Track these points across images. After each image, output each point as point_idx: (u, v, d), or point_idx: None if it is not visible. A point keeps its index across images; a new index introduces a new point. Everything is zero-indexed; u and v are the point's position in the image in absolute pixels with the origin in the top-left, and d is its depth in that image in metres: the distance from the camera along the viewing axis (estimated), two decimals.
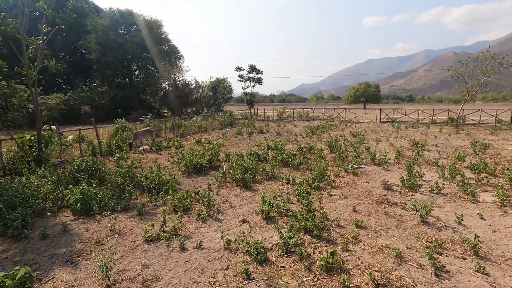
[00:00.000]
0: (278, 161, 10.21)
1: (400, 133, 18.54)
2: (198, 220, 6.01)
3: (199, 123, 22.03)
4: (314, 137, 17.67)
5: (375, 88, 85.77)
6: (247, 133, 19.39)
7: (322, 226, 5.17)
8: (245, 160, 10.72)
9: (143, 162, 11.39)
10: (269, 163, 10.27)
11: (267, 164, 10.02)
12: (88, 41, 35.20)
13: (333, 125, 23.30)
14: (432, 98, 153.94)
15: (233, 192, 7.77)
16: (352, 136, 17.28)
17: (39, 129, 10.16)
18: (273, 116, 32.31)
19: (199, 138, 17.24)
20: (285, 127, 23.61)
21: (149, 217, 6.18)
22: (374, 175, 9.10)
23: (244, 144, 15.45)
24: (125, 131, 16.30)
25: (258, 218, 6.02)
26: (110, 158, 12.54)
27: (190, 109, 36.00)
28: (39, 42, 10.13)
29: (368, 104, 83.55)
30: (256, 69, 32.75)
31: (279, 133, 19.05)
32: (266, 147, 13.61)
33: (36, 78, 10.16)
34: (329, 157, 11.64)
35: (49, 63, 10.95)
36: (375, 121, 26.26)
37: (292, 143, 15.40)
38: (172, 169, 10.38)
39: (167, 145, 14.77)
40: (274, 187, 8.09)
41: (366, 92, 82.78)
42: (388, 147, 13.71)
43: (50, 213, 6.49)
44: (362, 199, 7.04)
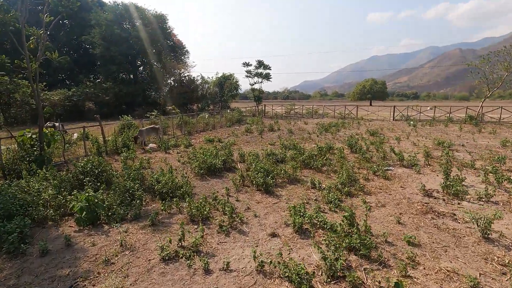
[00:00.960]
0: (299, 162, 9.39)
1: (419, 132, 17.62)
2: (220, 232, 5.23)
3: (207, 120, 21.24)
4: (329, 135, 16.82)
5: (382, 85, 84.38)
6: (257, 131, 18.58)
7: (371, 244, 4.36)
8: (261, 160, 9.95)
9: (151, 162, 10.65)
10: (288, 165, 9.48)
11: (287, 166, 9.23)
12: (92, 36, 34.45)
13: (345, 122, 22.40)
14: (437, 95, 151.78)
15: (254, 198, 6.99)
16: (369, 134, 16.41)
17: (41, 126, 9.42)
18: (281, 113, 31.43)
19: (208, 136, 16.46)
20: (295, 124, 22.76)
21: (164, 229, 5.42)
22: (406, 178, 8.27)
23: (256, 143, 14.64)
24: (131, 129, 15.56)
25: (288, 231, 5.24)
26: (117, 157, 11.81)
27: (196, 105, 35.21)
28: (41, 33, 9.36)
29: (374, 101, 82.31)
30: (264, 64, 31.79)
31: (291, 131, 18.21)
32: (282, 147, 12.80)
33: (37, 71, 9.41)
34: (351, 157, 10.81)
35: (51, 55, 10.19)
36: (389, 118, 25.31)
37: (307, 142, 14.58)
38: (184, 170, 9.62)
39: (176, 144, 14.02)
40: (299, 192, 7.29)
41: (372, 89, 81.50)
42: (411, 147, 12.84)
43: (51, 222, 5.75)
44: (402, 207, 6.22)
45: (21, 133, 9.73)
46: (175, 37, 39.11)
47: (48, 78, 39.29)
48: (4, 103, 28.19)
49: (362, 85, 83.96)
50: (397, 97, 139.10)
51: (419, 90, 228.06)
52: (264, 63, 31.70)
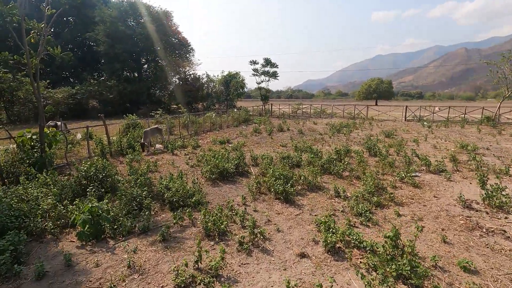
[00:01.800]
0: (317, 167, 8.72)
1: (436, 133, 16.85)
2: (241, 251, 4.59)
3: (213, 119, 20.59)
4: (342, 136, 16.11)
5: (388, 84, 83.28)
6: (266, 131, 17.92)
7: (425, 272, 3.69)
8: (275, 164, 9.29)
9: (159, 165, 10.03)
10: (305, 169, 8.82)
11: (305, 171, 8.58)
12: (96, 33, 33.91)
13: (356, 123, 21.66)
14: (442, 95, 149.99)
15: (273, 208, 6.33)
16: (384, 136, 15.68)
17: (42, 126, 8.83)
18: (288, 113, 30.69)
19: (216, 137, 15.83)
20: (304, 124, 22.06)
21: (177, 245, 4.78)
22: (438, 186, 7.56)
23: (266, 144, 13.98)
24: (136, 129, 14.96)
25: (319, 250, 4.58)
26: (122, 159, 11.22)
27: (201, 104, 34.57)
28: (41, 26, 8.74)
29: (379, 100, 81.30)
30: (271, 62, 31.05)
31: (301, 132, 17.52)
32: (295, 149, 12.14)
33: (38, 67, 8.80)
34: (371, 162, 10.11)
35: (53, 51, 9.57)
36: (400, 119, 24.50)
37: (320, 144, 13.90)
38: (194, 174, 8.99)
39: (183, 144, 13.40)
40: (322, 202, 6.63)
41: (378, 88, 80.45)
42: (433, 150, 12.11)
43: (51, 236, 5.14)
44: (443, 222, 5.53)
45: (21, 133, 9.15)
46: (180, 34, 38.47)
47: (52, 75, 38.89)
48: (7, 100, 27.76)
49: (368, 84, 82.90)
50: (401, 96, 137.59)
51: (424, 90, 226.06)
52: (271, 61, 31.01)
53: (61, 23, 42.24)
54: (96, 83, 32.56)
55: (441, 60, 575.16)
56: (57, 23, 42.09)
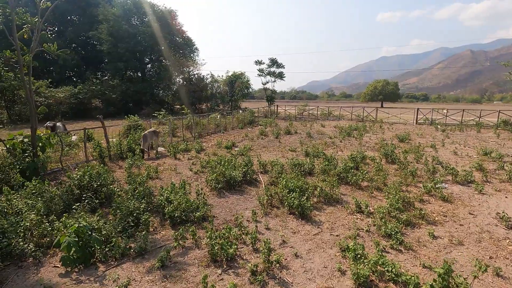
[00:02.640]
0: (333, 176, 7.96)
1: (452, 138, 15.98)
2: (254, 283, 3.85)
3: (218, 121, 19.87)
4: (353, 140, 15.31)
5: (394, 86, 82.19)
6: (273, 134, 17.17)
7: None
8: (285, 170, 8.55)
9: (160, 170, 9.33)
10: (319, 178, 8.08)
11: (318, 180, 7.83)
12: (99, 32, 33.38)
13: (366, 126, 20.83)
14: (448, 97, 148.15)
15: (287, 225, 5.59)
16: (398, 140, 14.86)
17: (34, 128, 8.17)
18: (294, 114, 29.89)
19: (220, 139, 15.11)
20: (312, 127, 21.27)
21: (178, 274, 4.05)
22: (470, 201, 6.76)
23: (274, 148, 13.23)
24: (138, 130, 14.28)
25: (347, 284, 3.82)
26: (121, 163, 10.55)
27: (205, 105, 33.92)
28: (35, 20, 8.09)
29: (385, 102, 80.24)
30: (278, 63, 30.32)
31: (310, 135, 16.74)
32: (305, 154, 11.39)
33: (30, 65, 8.15)
34: (390, 169, 9.32)
35: (49, 47, 8.92)
36: (412, 122, 23.60)
37: (330, 148, 13.13)
38: (197, 181, 8.28)
39: (186, 148, 12.70)
40: (342, 218, 5.87)
41: (384, 90, 79.38)
42: (454, 157, 11.28)
43: (32, 259, 4.43)
44: (488, 247, 4.75)
45: (11, 136, 8.49)
46: (185, 33, 37.87)
47: (55, 75, 38.48)
48: (9, 100, 27.30)
49: (374, 85, 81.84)
50: (406, 98, 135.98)
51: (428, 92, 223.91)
52: (278, 62, 30.28)
53: (65, 22, 41.84)
54: (98, 83, 32.02)
55: (446, 62, 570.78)
56: (61, 22, 41.73)
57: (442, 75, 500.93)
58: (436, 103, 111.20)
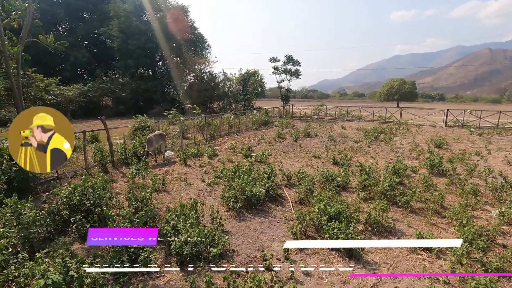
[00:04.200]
0: (376, 193, 6.52)
1: (495, 144, 14.21)
2: None
3: (231, 121, 18.57)
4: (382, 145, 13.75)
5: (411, 85, 79.35)
6: (291, 136, 15.76)
7: None
8: (315, 183, 7.16)
9: (167, 180, 8.08)
10: (356, 194, 6.67)
11: (359, 198, 6.43)
12: (110, 28, 32.60)
13: (392, 128, 19.15)
14: (465, 97, 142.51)
15: (332, 265, 4.21)
16: (434, 146, 13.23)
17: None
18: (310, 115, 28.33)
19: (235, 143, 13.82)
20: (332, 129, 19.73)
21: None
22: None
23: (295, 154, 11.84)
24: (146, 132, 13.11)
25: None
26: (125, 169, 9.37)
27: (217, 104, 32.71)
28: (25, 6, 6.93)
29: (401, 102, 77.57)
30: (294, 60, 28.76)
31: (333, 138, 15.24)
32: (333, 162, 9.95)
33: (19, 57, 7.01)
34: (439, 184, 7.79)
35: (45, 40, 7.79)
36: (441, 124, 21.73)
37: (359, 154, 11.64)
38: (211, 195, 6.99)
39: (197, 152, 11.44)
40: (403, 258, 4.45)
41: (400, 89, 76.73)
42: (508, 168, 9.63)
43: None
44: None
45: (6, 136, 7.41)
46: (197, 30, 36.73)
47: (66, 72, 38.01)
48: None
49: (390, 85, 79.23)
50: (421, 98, 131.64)
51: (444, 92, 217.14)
52: (293, 59, 28.70)
53: (77, 19, 41.40)
54: (108, 80, 31.22)
55: (463, 61, 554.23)
56: (73, 19, 41.32)
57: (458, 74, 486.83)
58: (453, 103, 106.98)
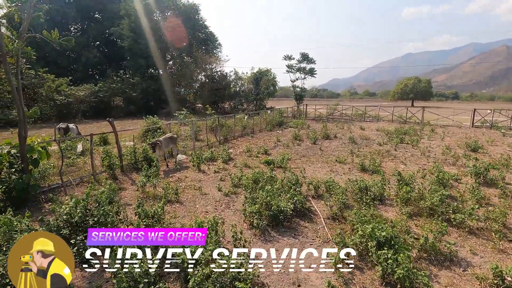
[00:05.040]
0: (425, 210, 5.59)
1: None
2: None
3: (245, 122, 17.75)
4: (409, 148, 12.69)
5: (426, 84, 77.04)
6: (308, 138, 14.85)
7: None
8: (343, 194, 6.25)
9: (180, 189, 7.32)
10: (401, 211, 5.74)
11: (402, 215, 5.50)
12: (121, 28, 32.27)
13: (416, 129, 17.98)
14: (480, 95, 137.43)
15: None
16: (469, 149, 12.10)
17: (23, 137, 6.37)
18: (325, 115, 27.26)
19: (249, 145, 13.01)
20: (350, 130, 18.69)
21: None
22: None
23: (316, 158, 10.92)
24: (156, 134, 12.44)
25: None
26: (135, 175, 8.68)
27: (228, 103, 31.98)
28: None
29: (416, 101, 75.44)
30: (309, 58, 27.72)
31: (354, 141, 14.23)
32: (361, 168, 9.01)
33: (19, 54, 6.35)
34: (489, 195, 6.77)
35: (50, 36, 7.11)
36: (468, 124, 20.39)
37: (387, 159, 10.64)
38: (230, 208, 6.18)
39: (211, 156, 10.67)
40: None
41: (415, 88, 74.58)
42: None
43: None
44: None
45: (7, 141, 6.79)
46: (208, 28, 36.11)
47: (78, 72, 37.95)
48: (29, 98, 26.67)
49: (404, 83, 77.10)
50: (435, 97, 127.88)
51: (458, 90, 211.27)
52: (309, 57, 27.65)
53: (88, 19, 41.36)
54: (119, 80, 30.89)
55: (478, 58, 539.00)
56: (84, 19, 41.29)
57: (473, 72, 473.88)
58: (469, 101, 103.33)
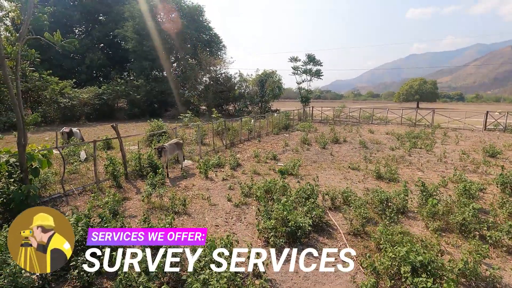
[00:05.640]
0: (455, 225, 5.12)
1: None
2: None
3: (251, 125, 17.32)
4: (423, 153, 12.18)
5: (432, 85, 76.21)
6: (317, 142, 14.40)
7: None
8: (364, 205, 5.79)
9: (188, 199, 6.89)
10: (430, 226, 5.28)
11: (431, 231, 5.04)
12: (125, 29, 32.06)
13: (427, 132, 17.44)
14: (486, 97, 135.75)
15: None
16: (487, 155, 11.57)
17: (22, 144, 6.01)
18: (332, 117, 26.77)
19: (257, 149, 12.58)
20: (359, 133, 18.20)
21: None
22: None
23: (328, 164, 10.47)
24: (162, 138, 12.07)
25: None
26: (140, 183, 8.29)
27: (233, 106, 31.58)
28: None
29: (421, 103, 74.65)
30: (315, 59, 27.28)
31: (365, 145, 13.76)
32: (377, 176, 8.54)
33: (18, 57, 5.99)
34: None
35: (52, 38, 6.76)
36: (481, 127, 19.80)
37: (402, 165, 10.16)
38: (241, 221, 5.75)
39: (219, 162, 10.26)
40: None
41: (421, 89, 73.82)
42: None
43: None
44: None
45: (6, 149, 6.43)
46: (212, 30, 35.82)
47: (82, 75, 37.80)
48: (33, 100, 26.49)
49: (409, 84, 76.35)
50: (440, 98, 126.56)
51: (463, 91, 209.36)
52: (315, 58, 27.19)
53: (92, 21, 41.28)
54: (123, 83, 30.65)
55: (483, 60, 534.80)
56: (88, 21, 41.22)
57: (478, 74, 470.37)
58: (474, 103, 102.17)
